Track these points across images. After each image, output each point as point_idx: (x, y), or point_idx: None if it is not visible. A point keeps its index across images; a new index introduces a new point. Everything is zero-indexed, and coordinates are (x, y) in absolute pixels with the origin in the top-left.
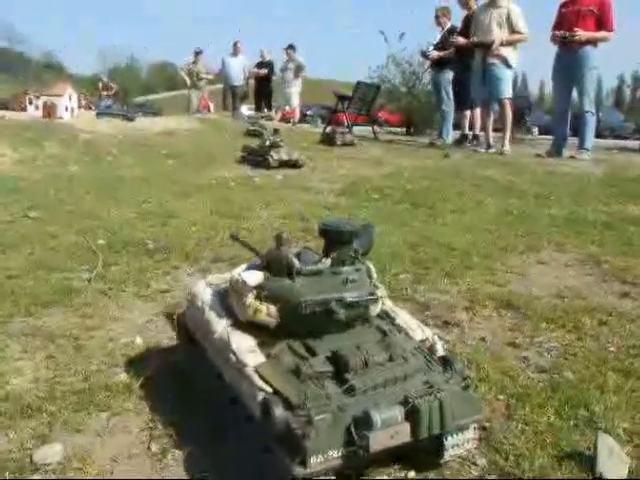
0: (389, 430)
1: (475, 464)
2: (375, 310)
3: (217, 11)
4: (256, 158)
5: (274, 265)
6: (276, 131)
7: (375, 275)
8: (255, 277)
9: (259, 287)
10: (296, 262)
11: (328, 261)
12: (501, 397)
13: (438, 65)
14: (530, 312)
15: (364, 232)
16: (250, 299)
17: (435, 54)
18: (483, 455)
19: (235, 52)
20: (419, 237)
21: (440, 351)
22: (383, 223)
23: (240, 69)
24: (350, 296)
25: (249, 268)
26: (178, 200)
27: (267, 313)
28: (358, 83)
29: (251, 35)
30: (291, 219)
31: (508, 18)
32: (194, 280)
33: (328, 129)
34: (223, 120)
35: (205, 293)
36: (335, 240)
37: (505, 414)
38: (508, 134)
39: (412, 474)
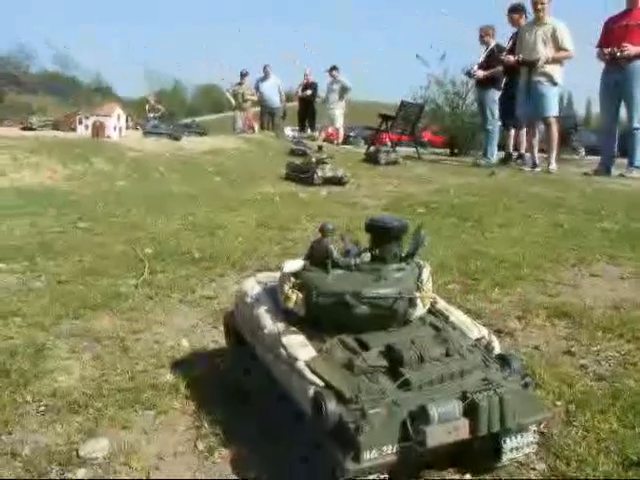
0: (447, 425)
1: (534, 469)
2: (413, 312)
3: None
4: (300, 175)
5: (316, 254)
6: (320, 148)
7: (426, 277)
8: (294, 266)
9: (295, 275)
10: (335, 253)
11: (367, 256)
12: (559, 403)
13: (483, 84)
14: (585, 321)
15: (414, 231)
16: (286, 287)
17: (480, 73)
18: (542, 460)
19: (266, 76)
20: (467, 249)
21: (497, 349)
22: (430, 235)
23: (274, 91)
24: (371, 292)
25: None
26: (224, 213)
27: (295, 301)
28: (402, 103)
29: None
30: (340, 232)
31: (553, 35)
32: (243, 279)
33: (372, 148)
34: (267, 140)
35: (254, 290)
36: (380, 236)
37: (564, 420)
38: (554, 152)
39: (467, 477)
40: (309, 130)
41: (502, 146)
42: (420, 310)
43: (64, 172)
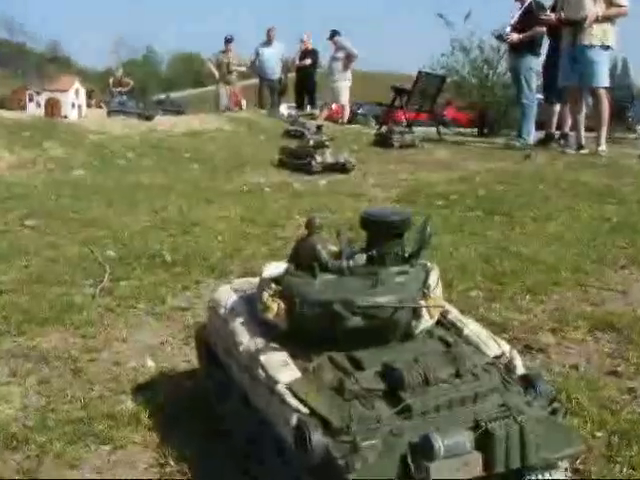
0: (455, 461)
1: None
2: (418, 325)
3: None
4: (296, 161)
5: (301, 256)
6: (320, 128)
7: (434, 282)
8: (276, 270)
9: (277, 281)
10: (323, 254)
11: (363, 257)
12: (599, 434)
13: (517, 50)
14: (635, 336)
15: (419, 226)
16: (266, 295)
17: (514, 37)
18: None
19: (269, 40)
20: (494, 248)
21: (520, 369)
22: (450, 233)
23: (276, 60)
24: (367, 300)
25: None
26: (202, 208)
27: (277, 312)
28: (419, 74)
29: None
30: (336, 229)
31: None
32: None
33: (383, 128)
34: (257, 119)
35: (230, 299)
36: (378, 233)
37: (605, 455)
38: (604, 132)
39: None
40: (308, 107)
41: (541, 124)
42: (426, 322)
43: (10, 159)
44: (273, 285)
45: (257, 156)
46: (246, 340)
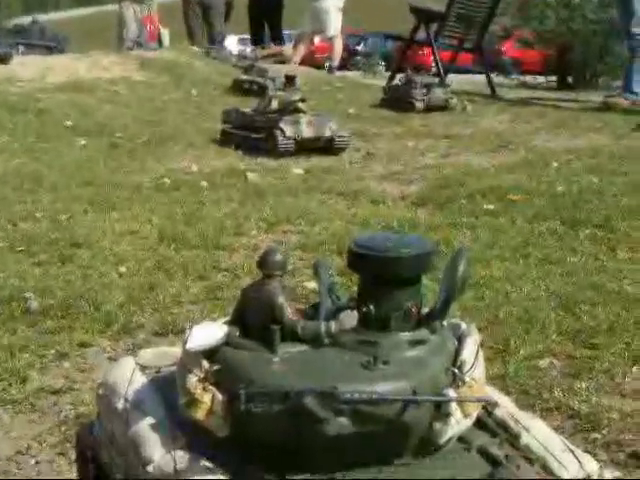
0: None
1: None
2: (445, 430)
3: None
4: (253, 135)
5: (252, 314)
6: (290, 80)
7: (471, 354)
8: (211, 335)
9: (211, 356)
10: (288, 312)
11: (354, 315)
12: None
13: None
14: None
15: (449, 261)
16: (192, 380)
17: None
18: None
19: None
20: (579, 285)
21: None
22: (506, 259)
23: None
24: (358, 390)
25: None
26: (94, 215)
27: (210, 409)
28: None
29: None
30: (318, 252)
31: None
32: (115, 361)
33: (398, 78)
34: (187, 62)
35: (133, 384)
36: (378, 277)
37: None
38: None
39: None
40: (270, 43)
41: None
42: (459, 424)
43: None
44: (204, 363)
45: (186, 126)
46: (159, 455)
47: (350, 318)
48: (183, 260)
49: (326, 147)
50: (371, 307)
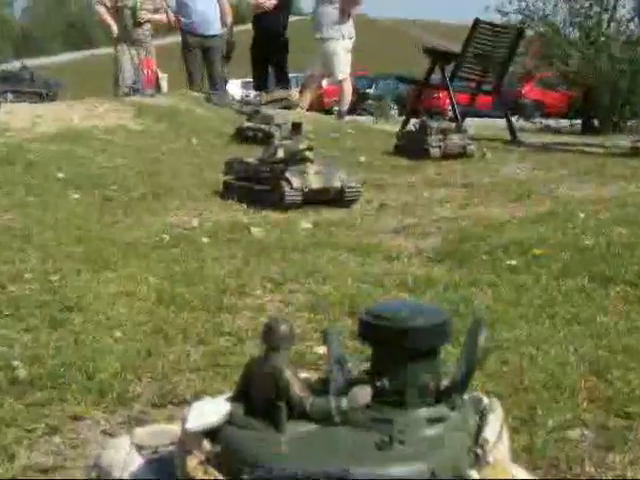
0: None
1: None
2: None
3: None
4: (256, 187)
5: (256, 390)
6: (297, 128)
7: (494, 431)
8: (212, 414)
9: (213, 436)
10: (295, 388)
11: (367, 390)
12: None
13: None
14: None
15: (468, 330)
16: (193, 462)
17: None
18: None
19: None
20: (612, 348)
21: None
22: (531, 319)
23: (210, 5)
24: (373, 474)
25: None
26: (87, 275)
27: None
28: (477, 24)
29: None
30: (328, 313)
31: None
32: (110, 438)
33: (412, 123)
34: (188, 108)
35: (129, 467)
36: (392, 349)
37: None
38: None
39: None
40: (276, 87)
41: None
42: None
43: None
44: (205, 443)
45: (186, 177)
46: None
47: (363, 393)
48: (183, 323)
49: (336, 199)
50: (385, 381)
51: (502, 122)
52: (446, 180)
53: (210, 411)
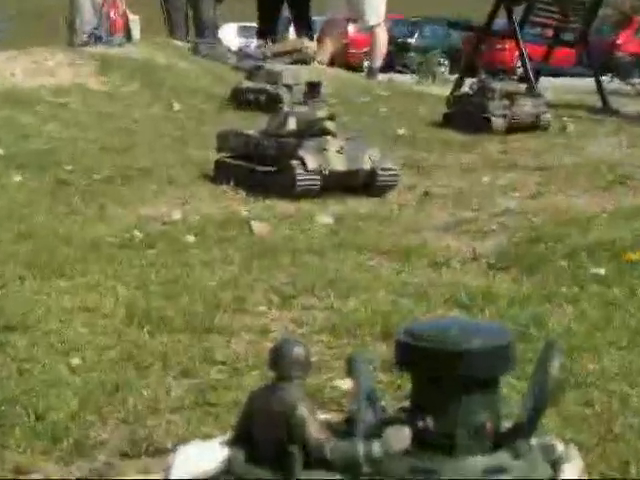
0: None
1: None
2: None
3: None
4: (259, 168)
5: (262, 430)
6: (314, 89)
7: None
8: (205, 460)
9: None
10: (313, 429)
11: (406, 432)
12: None
13: None
14: None
15: (537, 361)
16: None
17: None
18: None
19: None
20: None
21: None
22: (623, 346)
23: None
24: None
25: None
26: (32, 283)
27: None
28: None
29: None
30: (355, 338)
31: None
32: None
33: (468, 85)
34: (168, 62)
35: None
36: (439, 378)
37: None
38: None
39: None
40: (288, 34)
41: None
42: None
43: None
44: None
45: (166, 155)
46: None
47: (400, 436)
48: (161, 348)
49: (365, 185)
50: (430, 420)
51: (589, 83)
52: (513, 160)
53: (201, 459)
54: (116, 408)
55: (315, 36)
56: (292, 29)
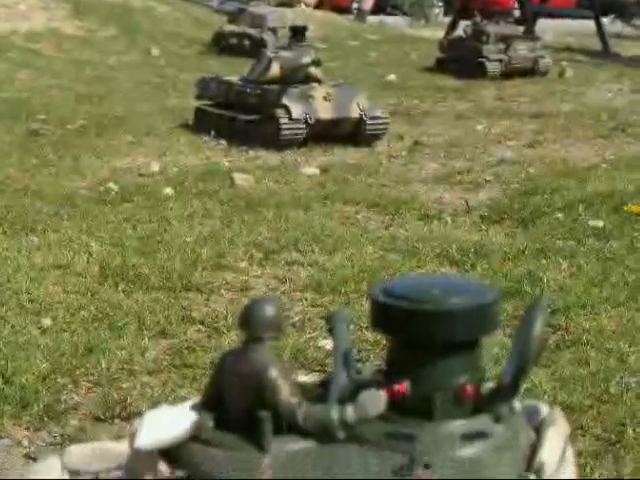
0: None
1: None
2: None
3: None
4: (241, 117)
5: (234, 392)
6: (299, 33)
7: (553, 453)
8: (172, 425)
9: (171, 455)
10: (285, 393)
11: (382, 396)
12: None
13: None
14: None
15: (522, 317)
16: None
17: None
18: None
19: None
20: None
21: None
22: (621, 302)
23: None
24: None
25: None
26: (3, 241)
27: None
28: None
29: None
30: (340, 295)
31: None
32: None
33: (462, 28)
34: (145, 5)
35: None
36: (417, 339)
37: None
38: None
39: None
40: None
41: None
42: None
43: None
44: (162, 466)
45: (143, 103)
46: None
47: (375, 400)
48: (137, 308)
49: (353, 134)
50: (407, 384)
51: (589, 25)
52: (509, 108)
53: (168, 424)
54: (89, 370)
55: None
56: None
